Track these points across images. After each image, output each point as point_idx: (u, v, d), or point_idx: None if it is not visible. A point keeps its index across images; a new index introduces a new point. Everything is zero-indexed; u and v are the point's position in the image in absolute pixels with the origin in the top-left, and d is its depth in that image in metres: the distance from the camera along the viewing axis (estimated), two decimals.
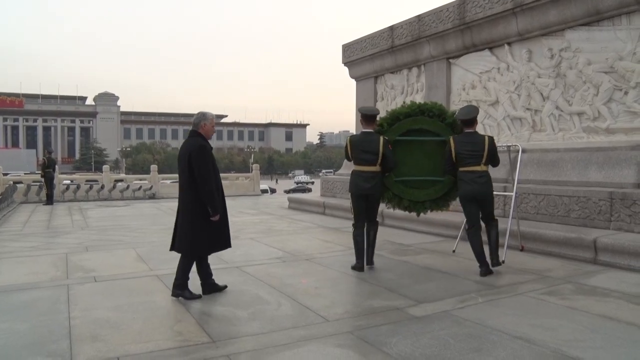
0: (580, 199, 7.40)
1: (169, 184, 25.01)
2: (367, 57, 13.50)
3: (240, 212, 13.76)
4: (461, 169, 5.90)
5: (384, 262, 6.78)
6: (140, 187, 21.80)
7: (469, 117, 5.94)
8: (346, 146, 6.19)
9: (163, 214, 13.83)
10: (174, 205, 16.89)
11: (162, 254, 7.41)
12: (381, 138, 6.02)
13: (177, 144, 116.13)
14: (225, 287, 5.33)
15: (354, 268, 6.13)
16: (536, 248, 7.14)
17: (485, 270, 5.78)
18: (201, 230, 4.99)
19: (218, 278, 5.93)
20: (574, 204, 7.47)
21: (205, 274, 5.25)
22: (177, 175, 5.36)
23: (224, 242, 5.19)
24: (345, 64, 14.65)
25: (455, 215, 8.03)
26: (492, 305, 4.69)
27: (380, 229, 7.37)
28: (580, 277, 5.69)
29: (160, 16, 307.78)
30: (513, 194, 6.92)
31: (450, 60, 10.99)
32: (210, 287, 5.23)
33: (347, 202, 7.34)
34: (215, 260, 6.96)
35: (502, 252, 6.54)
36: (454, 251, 7.23)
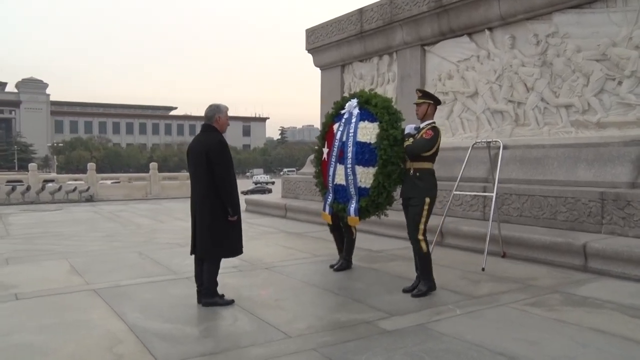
0: (568, 199, 7.52)
1: (110, 184, 24.53)
2: (333, 44, 13.52)
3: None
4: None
5: (351, 270, 6.77)
6: (75, 188, 21.27)
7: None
8: (437, 136, 5.55)
9: (102, 219, 13.53)
10: (115, 209, 16.87)
11: (102, 265, 7.25)
12: None
13: (119, 139, 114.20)
14: (232, 301, 5.28)
15: (433, 290, 5.60)
16: (519, 254, 7.25)
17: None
18: (224, 232, 5.17)
19: (166, 290, 5.83)
20: (561, 206, 7.60)
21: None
22: (119, 176, 5.30)
23: (242, 243, 5.39)
24: (309, 50, 14.63)
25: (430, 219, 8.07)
26: (471, 318, 4.73)
27: None
28: (568, 286, 5.79)
29: None
30: (493, 194, 7.01)
31: (425, 48, 11.09)
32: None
33: (312, 205, 7.30)
34: (162, 270, 6.86)
35: (482, 258, 6.62)
36: None
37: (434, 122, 5.70)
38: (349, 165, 5.94)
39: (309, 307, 5.19)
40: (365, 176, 5.89)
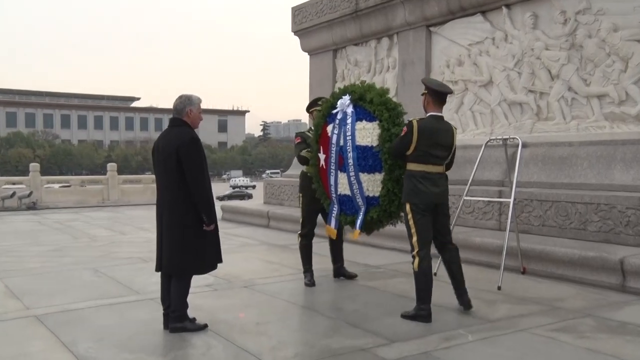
0: (600, 206, 7.53)
1: (58, 189, 24.37)
2: (324, 24, 13.55)
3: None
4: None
5: (345, 288, 6.79)
6: (14, 193, 21.00)
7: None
8: (409, 133, 5.52)
9: (49, 230, 13.44)
10: (64, 218, 16.72)
11: (47, 285, 7.19)
12: (454, 127, 5.91)
13: (69, 134, 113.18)
14: (205, 326, 5.27)
15: (420, 320, 5.46)
16: (542, 270, 7.29)
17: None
18: (196, 243, 5.16)
19: (126, 314, 5.80)
20: (592, 214, 7.61)
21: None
22: (69, 178, 5.30)
23: (219, 256, 5.42)
24: (296, 32, 14.65)
25: None
26: (485, 345, 4.75)
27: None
28: (602, 310, 5.80)
29: None
30: (511, 200, 7.03)
31: (431, 29, 11.14)
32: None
33: (299, 212, 7.33)
34: (122, 290, 6.84)
35: (498, 275, 6.65)
36: (435, 274, 7.29)
37: (422, 117, 5.70)
38: (352, 174, 6.00)
39: (296, 332, 5.19)
40: (372, 184, 5.96)
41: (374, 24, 12.26)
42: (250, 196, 48.71)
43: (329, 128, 6.33)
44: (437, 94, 5.67)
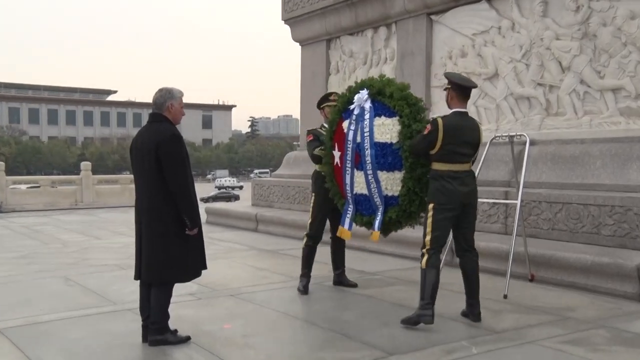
0: (615, 208, 7.55)
1: (26, 190, 24.30)
2: (316, 12, 13.57)
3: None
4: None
5: (339, 297, 6.80)
6: None
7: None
8: (434, 131, 5.64)
9: (14, 235, 13.37)
10: (33, 221, 16.65)
11: (12, 295, 7.15)
12: (479, 123, 6.09)
13: (38, 130, 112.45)
14: (188, 338, 5.26)
15: (424, 320, 5.54)
16: (552, 277, 7.31)
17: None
18: (178, 249, 5.14)
19: (101, 326, 5.78)
20: (606, 216, 7.63)
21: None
22: (38, 178, 5.28)
23: (203, 262, 5.42)
24: (287, 21, 14.66)
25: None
26: (491, 358, 4.76)
27: None
28: (618, 320, 5.81)
29: None
30: (518, 201, 7.06)
31: (433, 17, 11.17)
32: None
33: (289, 215, 7.34)
34: (96, 300, 6.82)
35: (504, 283, 6.67)
36: None
37: (444, 114, 5.83)
38: (370, 172, 6.08)
39: (286, 345, 5.19)
40: (391, 182, 6.05)
41: (370, 11, 12.28)
42: (237, 198, 48.70)
43: (345, 124, 6.42)
44: (462, 89, 5.80)
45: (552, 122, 9.31)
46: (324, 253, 7.52)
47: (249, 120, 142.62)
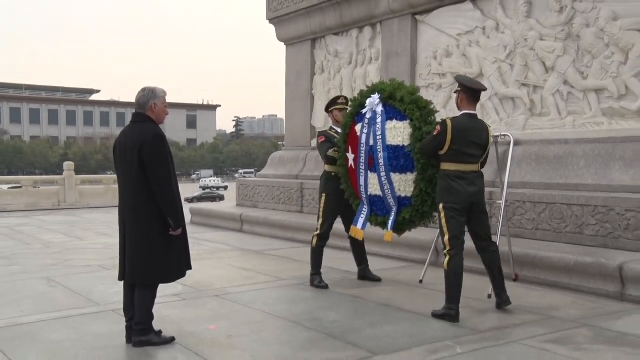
0: (598, 208, 7.59)
1: (7, 190, 24.12)
2: (301, 12, 13.57)
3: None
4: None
5: (324, 297, 6.80)
6: None
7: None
8: (443, 132, 5.86)
9: None
10: (14, 222, 16.53)
11: None
12: (488, 125, 6.36)
13: (20, 130, 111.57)
14: (173, 339, 5.26)
15: (448, 319, 5.79)
16: (535, 277, 7.35)
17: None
18: (162, 250, 5.15)
19: (84, 327, 5.77)
20: (589, 216, 7.68)
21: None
22: (20, 179, 5.27)
23: (188, 263, 5.45)
24: (271, 20, 14.64)
25: (422, 232, 8.15)
26: (475, 358, 4.79)
27: None
28: (600, 319, 5.86)
29: None
30: (502, 202, 7.12)
31: (418, 17, 11.19)
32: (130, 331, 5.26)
33: (275, 215, 7.37)
34: (79, 301, 6.79)
35: (488, 282, 6.70)
36: (421, 281, 7.35)
37: (454, 116, 6.12)
38: (383, 174, 6.42)
39: (272, 346, 5.19)
40: (404, 184, 6.41)
41: (355, 11, 12.30)
42: (221, 198, 48.63)
43: (358, 127, 6.74)
44: (472, 91, 6.03)
45: (536, 123, 9.36)
46: (307, 253, 7.56)
47: (233, 120, 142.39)
